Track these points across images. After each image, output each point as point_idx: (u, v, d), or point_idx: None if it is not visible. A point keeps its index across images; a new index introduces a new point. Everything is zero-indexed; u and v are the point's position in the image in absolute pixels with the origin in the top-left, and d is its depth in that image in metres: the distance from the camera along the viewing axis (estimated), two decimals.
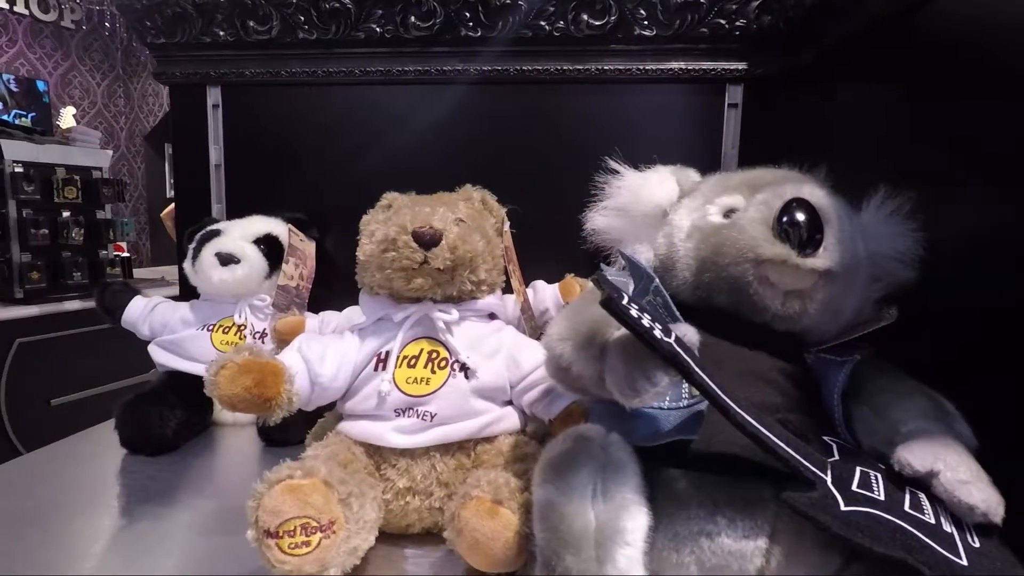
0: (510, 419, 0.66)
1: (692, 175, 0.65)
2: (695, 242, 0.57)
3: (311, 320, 0.91)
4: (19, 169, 2.11)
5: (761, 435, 0.41)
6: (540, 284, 0.92)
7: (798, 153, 0.63)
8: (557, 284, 0.91)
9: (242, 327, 0.93)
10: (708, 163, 0.88)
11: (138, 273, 2.85)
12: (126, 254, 2.71)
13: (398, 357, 0.63)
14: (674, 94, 0.97)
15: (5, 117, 3.69)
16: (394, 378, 0.62)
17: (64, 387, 2.21)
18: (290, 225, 0.98)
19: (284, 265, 0.94)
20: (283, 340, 0.90)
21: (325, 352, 0.63)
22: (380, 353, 0.64)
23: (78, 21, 4.46)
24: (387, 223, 0.63)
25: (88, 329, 2.25)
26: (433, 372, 0.62)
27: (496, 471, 0.56)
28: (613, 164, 0.67)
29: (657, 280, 0.53)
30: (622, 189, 0.65)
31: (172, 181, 4.79)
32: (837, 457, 0.45)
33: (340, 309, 0.97)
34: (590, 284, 0.91)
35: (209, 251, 0.90)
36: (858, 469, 0.43)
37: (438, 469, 0.61)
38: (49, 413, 2.16)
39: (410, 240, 0.61)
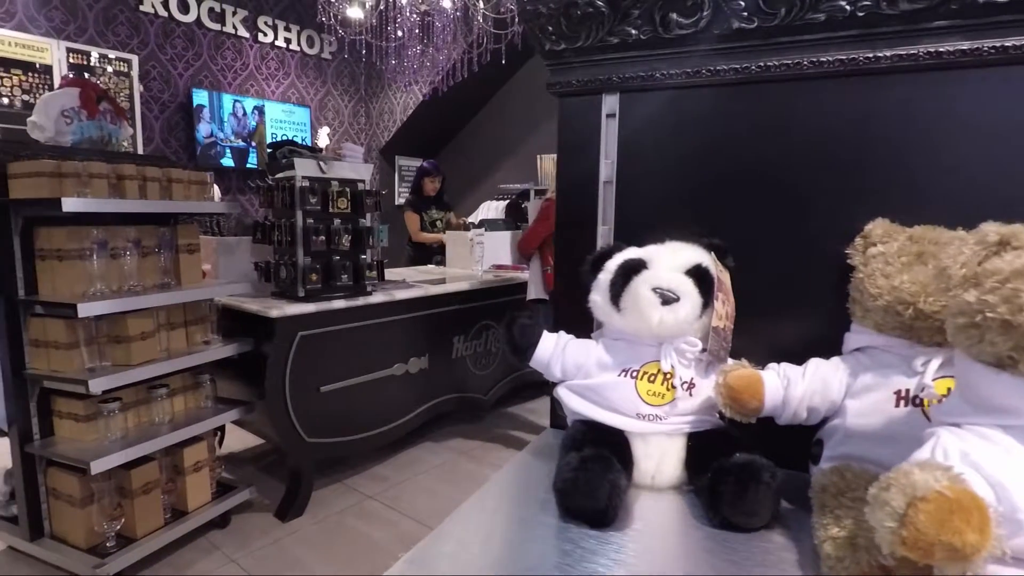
0: None
1: None
2: None
3: (766, 375, 0.73)
4: (306, 183, 2.33)
5: None
6: None
7: None
8: None
9: (668, 375, 0.78)
10: None
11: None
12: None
13: None
14: None
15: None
16: None
17: (330, 376, 2.44)
18: (713, 253, 0.82)
19: (715, 302, 0.78)
20: (735, 399, 0.74)
21: (994, 460, 0.43)
22: None
23: (335, 53, 5.11)
24: None
25: (349, 326, 2.47)
26: None
27: None
28: None
29: None
30: None
31: (400, 191, 5.36)
32: None
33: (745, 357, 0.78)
34: None
35: (644, 286, 0.76)
36: None
37: None
38: (319, 398, 2.40)
39: None
